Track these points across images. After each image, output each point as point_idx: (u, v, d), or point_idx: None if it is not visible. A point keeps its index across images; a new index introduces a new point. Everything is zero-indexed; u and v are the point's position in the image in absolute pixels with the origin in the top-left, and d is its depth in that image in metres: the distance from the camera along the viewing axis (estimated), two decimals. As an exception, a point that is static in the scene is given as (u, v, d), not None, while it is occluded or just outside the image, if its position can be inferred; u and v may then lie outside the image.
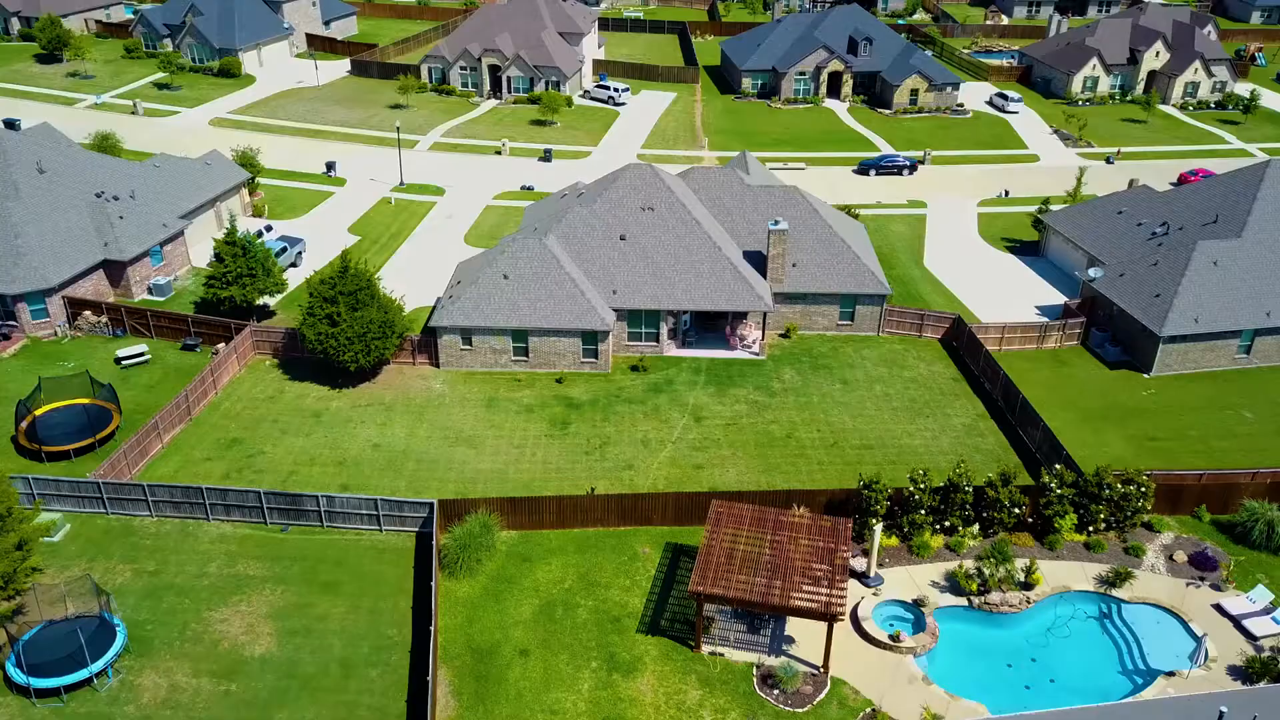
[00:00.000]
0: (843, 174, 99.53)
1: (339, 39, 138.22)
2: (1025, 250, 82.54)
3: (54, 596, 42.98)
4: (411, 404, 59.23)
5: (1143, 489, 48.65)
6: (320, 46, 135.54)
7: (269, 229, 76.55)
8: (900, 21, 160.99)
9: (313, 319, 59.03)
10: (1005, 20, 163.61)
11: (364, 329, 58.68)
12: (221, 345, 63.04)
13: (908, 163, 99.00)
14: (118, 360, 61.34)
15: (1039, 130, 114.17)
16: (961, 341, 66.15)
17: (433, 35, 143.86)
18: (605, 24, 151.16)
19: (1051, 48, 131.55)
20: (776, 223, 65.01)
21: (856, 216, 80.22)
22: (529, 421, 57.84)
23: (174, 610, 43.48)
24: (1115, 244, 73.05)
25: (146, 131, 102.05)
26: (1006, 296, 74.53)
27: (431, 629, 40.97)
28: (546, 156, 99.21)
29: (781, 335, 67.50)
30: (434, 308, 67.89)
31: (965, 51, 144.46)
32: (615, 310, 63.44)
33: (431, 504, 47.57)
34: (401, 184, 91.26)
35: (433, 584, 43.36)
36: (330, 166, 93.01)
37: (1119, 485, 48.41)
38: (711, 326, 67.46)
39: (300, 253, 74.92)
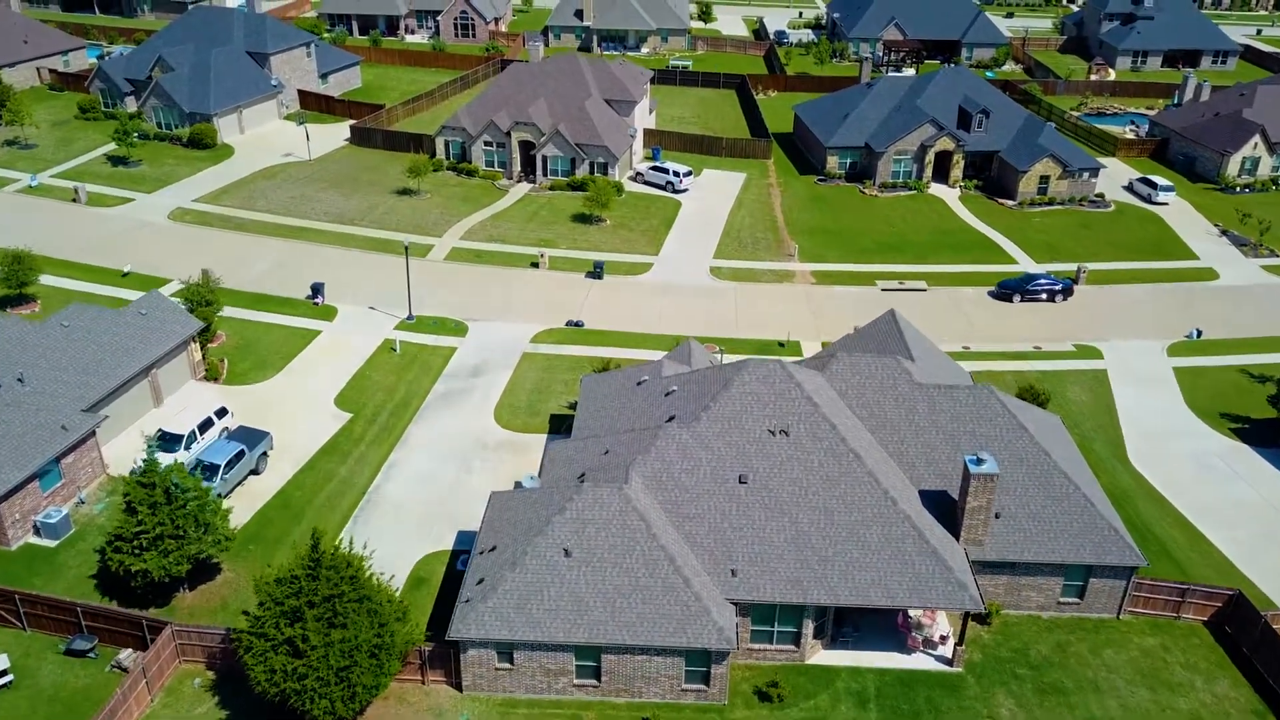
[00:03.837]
0: (975, 297, 77.12)
1: (337, 96, 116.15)
2: (1260, 436, 59.96)
3: None
4: (419, 782, 37.03)
5: None
6: (315, 105, 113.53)
7: (222, 413, 54.50)
8: (989, 74, 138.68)
9: (264, 644, 36.84)
10: (1112, 74, 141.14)
11: (346, 659, 36.55)
12: (128, 652, 40.88)
13: (1060, 285, 76.63)
14: (-41, 688, 39.30)
15: (1198, 228, 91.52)
16: (1249, 636, 43.69)
17: (450, 90, 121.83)
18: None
19: (1193, 117, 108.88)
20: (980, 461, 42.59)
21: (1045, 404, 57.71)
22: (611, 828, 35.56)
23: None
24: None
25: (86, 228, 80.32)
26: (1259, 521, 52.10)
27: None
28: (597, 272, 76.97)
29: (978, 619, 45.06)
30: (457, 574, 45.70)
31: (1073, 114, 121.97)
32: (733, 602, 41.22)
33: None
34: (410, 318, 69.08)
35: None
36: (316, 290, 70.94)
37: None
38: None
39: (264, 454, 52.73)
